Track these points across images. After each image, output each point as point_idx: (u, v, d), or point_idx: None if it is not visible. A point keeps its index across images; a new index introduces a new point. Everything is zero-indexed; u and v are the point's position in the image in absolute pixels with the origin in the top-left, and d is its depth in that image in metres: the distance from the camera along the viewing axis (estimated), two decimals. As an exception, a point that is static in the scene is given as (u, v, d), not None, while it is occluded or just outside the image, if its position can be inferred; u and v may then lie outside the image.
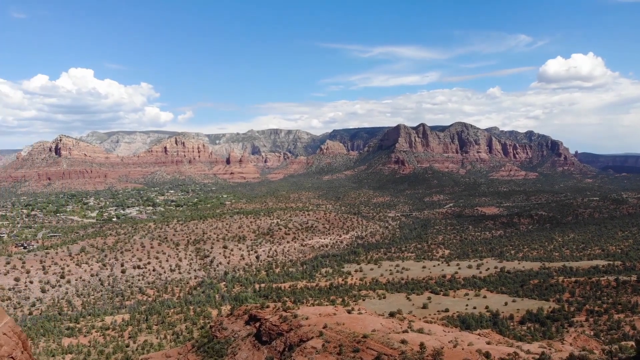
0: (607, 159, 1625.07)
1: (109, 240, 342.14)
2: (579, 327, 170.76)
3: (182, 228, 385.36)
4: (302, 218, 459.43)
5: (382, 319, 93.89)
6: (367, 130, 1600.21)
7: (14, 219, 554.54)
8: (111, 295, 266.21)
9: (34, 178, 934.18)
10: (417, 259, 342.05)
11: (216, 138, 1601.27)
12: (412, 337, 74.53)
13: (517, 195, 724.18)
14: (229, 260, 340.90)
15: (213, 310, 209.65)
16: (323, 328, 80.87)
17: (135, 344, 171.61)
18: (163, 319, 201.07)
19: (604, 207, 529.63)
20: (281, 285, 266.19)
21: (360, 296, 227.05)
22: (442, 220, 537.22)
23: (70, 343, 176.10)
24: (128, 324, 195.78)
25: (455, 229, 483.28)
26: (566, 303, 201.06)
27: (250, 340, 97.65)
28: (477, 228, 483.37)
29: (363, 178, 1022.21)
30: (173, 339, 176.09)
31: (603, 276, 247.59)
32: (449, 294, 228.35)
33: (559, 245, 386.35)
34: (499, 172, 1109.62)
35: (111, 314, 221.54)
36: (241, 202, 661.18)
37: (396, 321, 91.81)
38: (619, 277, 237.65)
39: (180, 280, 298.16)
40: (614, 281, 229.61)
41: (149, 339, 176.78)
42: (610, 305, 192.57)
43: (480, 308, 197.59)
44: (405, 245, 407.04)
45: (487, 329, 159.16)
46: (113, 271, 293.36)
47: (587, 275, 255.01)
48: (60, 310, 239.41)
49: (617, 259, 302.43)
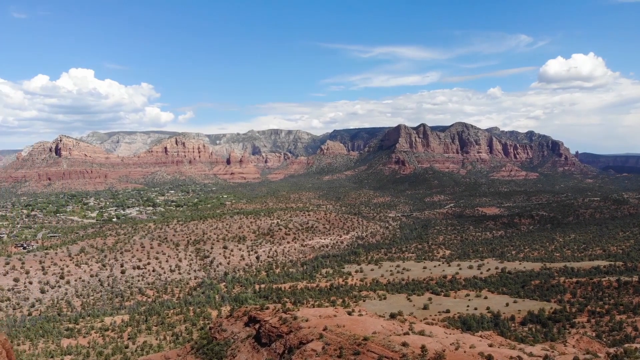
0: (607, 159, 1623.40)
1: (108, 241, 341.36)
2: (580, 329, 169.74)
3: (182, 228, 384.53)
4: (303, 218, 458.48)
5: (383, 320, 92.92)
6: (368, 130, 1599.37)
7: (13, 219, 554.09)
8: (111, 296, 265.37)
9: (34, 178, 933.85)
10: (418, 260, 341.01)
11: (216, 138, 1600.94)
12: (414, 340, 73.58)
13: (517, 195, 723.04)
14: (229, 260, 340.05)
15: (213, 311, 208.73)
16: (323, 330, 79.95)
17: (135, 345, 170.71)
18: (163, 320, 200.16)
19: (605, 208, 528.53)
20: (281, 286, 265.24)
21: (361, 297, 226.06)
22: (443, 221, 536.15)
23: (69, 344, 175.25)
24: (127, 325, 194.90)
25: (456, 229, 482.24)
26: (568, 304, 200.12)
27: (250, 342, 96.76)
28: (477, 228, 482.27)
29: (363, 178, 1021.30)
30: (172, 340, 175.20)
31: (604, 277, 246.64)
32: (449, 295, 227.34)
33: (560, 245, 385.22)
34: (499, 173, 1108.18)
35: (110, 315, 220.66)
36: (241, 202, 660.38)
37: (397, 323, 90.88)
38: (620, 277, 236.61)
39: (180, 280, 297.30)
40: (616, 282, 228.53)
41: (149, 340, 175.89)
42: (612, 306, 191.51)
43: (482, 309, 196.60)
44: (405, 245, 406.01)
45: (489, 330, 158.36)
46: (113, 272, 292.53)
47: (589, 275, 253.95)
48: (60, 311, 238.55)
49: (619, 260, 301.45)
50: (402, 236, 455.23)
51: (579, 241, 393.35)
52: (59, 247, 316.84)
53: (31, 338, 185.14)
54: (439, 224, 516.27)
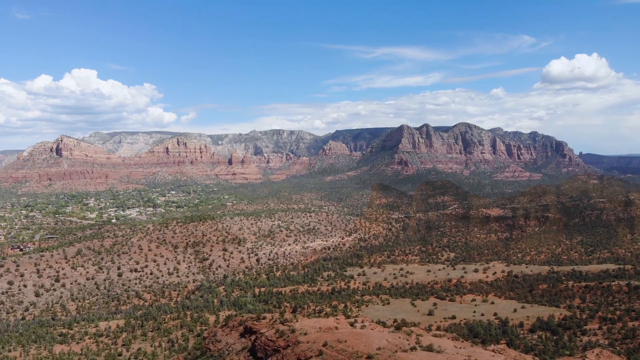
0: (611, 160, 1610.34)
1: (106, 243, 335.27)
2: (592, 336, 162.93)
3: (181, 230, 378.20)
4: (304, 220, 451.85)
5: (388, 333, 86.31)
6: (370, 130, 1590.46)
7: (12, 220, 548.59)
8: (107, 300, 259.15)
9: (34, 179, 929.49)
10: (422, 262, 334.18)
11: (219, 139, 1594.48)
12: (422, 357, 67.06)
13: (521, 196, 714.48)
14: (228, 263, 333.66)
15: (211, 316, 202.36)
16: (323, 346, 73.39)
17: (129, 353, 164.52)
18: (159, 325, 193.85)
19: (611, 209, 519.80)
20: (282, 290, 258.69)
21: (364, 302, 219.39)
22: (447, 222, 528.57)
23: (61, 350, 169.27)
24: (122, 331, 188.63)
25: (460, 231, 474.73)
26: (577, 310, 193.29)
27: (245, 356, 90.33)
28: (482, 230, 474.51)
29: (366, 179, 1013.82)
30: (168, 347, 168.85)
31: (614, 281, 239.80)
32: (455, 300, 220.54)
33: (567, 248, 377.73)
34: (503, 173, 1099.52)
35: (106, 319, 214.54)
36: (242, 203, 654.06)
37: (403, 336, 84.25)
38: (630, 281, 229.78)
39: (179, 284, 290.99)
40: (626, 286, 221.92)
41: (143, 347, 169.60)
42: (623, 312, 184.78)
43: (489, 315, 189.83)
44: (409, 247, 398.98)
45: (498, 340, 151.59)
46: (109, 274, 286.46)
47: (598, 279, 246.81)
48: (54, 315, 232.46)
49: (627, 263, 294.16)
50: (406, 238, 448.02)
51: (586, 243, 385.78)
52: (55, 249, 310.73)
53: (23, 344, 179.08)
54: (443, 226, 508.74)
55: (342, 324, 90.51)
